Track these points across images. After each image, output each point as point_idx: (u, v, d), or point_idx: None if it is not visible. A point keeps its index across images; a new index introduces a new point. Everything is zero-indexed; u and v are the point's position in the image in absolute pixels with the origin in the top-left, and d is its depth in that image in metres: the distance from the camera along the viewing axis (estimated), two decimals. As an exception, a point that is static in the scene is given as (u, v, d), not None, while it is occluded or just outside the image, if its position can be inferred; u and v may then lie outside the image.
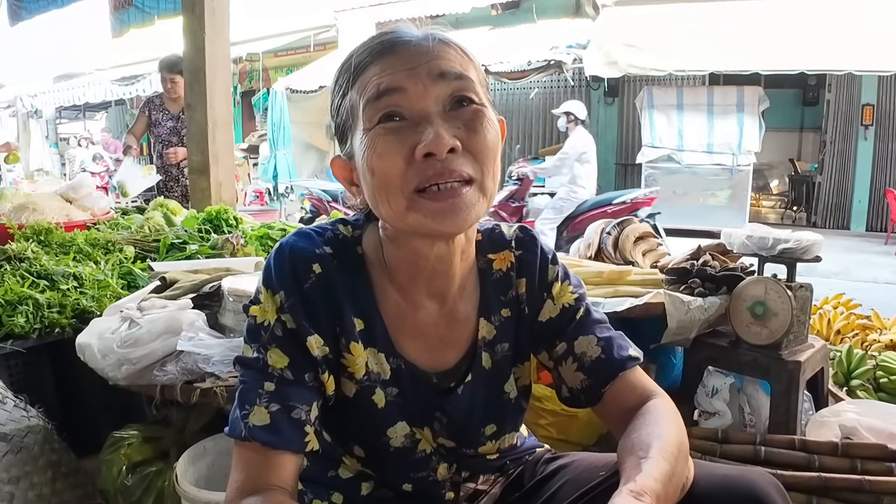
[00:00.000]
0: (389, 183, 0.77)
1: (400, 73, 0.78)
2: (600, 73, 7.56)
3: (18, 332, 1.87)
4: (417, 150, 0.76)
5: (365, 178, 0.81)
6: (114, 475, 1.64)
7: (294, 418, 0.81)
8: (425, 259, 0.85)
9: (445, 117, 0.78)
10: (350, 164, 0.85)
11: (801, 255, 1.75)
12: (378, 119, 0.78)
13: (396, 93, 0.77)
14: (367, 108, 0.79)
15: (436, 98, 0.78)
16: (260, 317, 0.84)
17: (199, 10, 3.33)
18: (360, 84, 0.81)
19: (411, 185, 0.77)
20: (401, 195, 0.77)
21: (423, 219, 0.77)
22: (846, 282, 5.28)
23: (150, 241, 2.59)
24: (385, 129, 0.78)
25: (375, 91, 0.78)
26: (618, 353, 0.92)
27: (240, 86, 12.35)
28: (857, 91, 8.52)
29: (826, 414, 1.74)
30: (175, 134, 4.30)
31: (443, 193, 0.77)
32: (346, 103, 0.83)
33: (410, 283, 0.88)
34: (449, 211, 0.77)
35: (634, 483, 0.71)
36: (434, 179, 0.76)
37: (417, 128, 0.77)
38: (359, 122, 0.81)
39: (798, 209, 9.52)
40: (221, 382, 1.49)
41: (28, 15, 5.07)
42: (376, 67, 0.79)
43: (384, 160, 0.77)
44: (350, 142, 0.84)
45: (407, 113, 0.78)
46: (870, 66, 6.61)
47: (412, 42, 0.80)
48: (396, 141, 0.77)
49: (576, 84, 9.73)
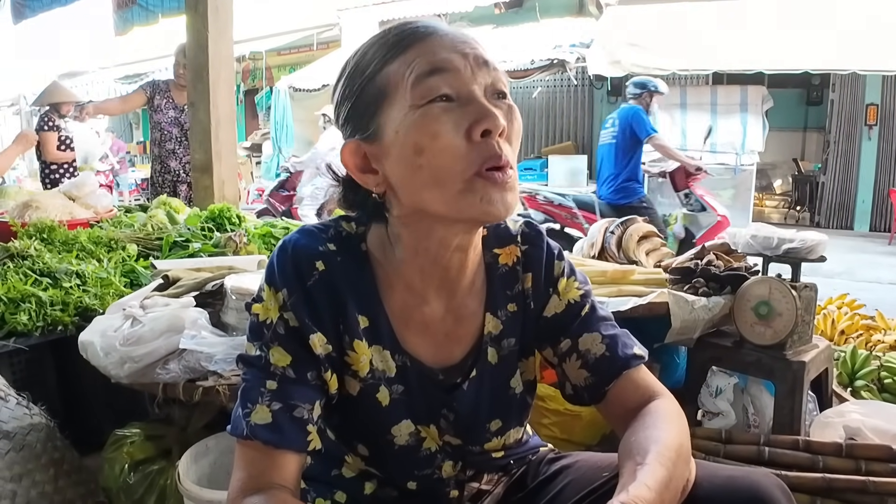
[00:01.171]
0: (443, 163, 0.76)
1: (450, 53, 0.78)
2: (603, 73, 7.55)
3: (21, 329, 1.87)
4: (476, 128, 0.75)
5: (404, 157, 0.77)
6: (116, 473, 1.64)
7: (296, 417, 0.80)
8: (447, 248, 0.84)
9: (490, 102, 0.78)
10: (367, 147, 0.82)
11: (805, 255, 1.74)
12: (430, 97, 0.76)
13: (450, 72, 0.77)
14: (418, 83, 0.76)
15: (481, 83, 0.78)
16: (262, 315, 0.84)
17: (203, 8, 3.33)
18: (405, 59, 0.78)
19: (473, 166, 0.76)
20: (458, 177, 0.76)
21: (478, 202, 0.76)
22: (850, 282, 5.26)
23: (153, 239, 2.59)
24: (439, 108, 0.76)
25: (428, 67, 0.76)
26: (622, 350, 0.92)
27: (243, 84, 12.35)
28: (861, 91, 8.49)
29: (830, 414, 1.73)
30: (177, 125, 4.19)
31: (499, 177, 0.76)
32: (376, 81, 0.79)
33: (422, 277, 0.87)
34: (504, 196, 0.77)
35: (626, 493, 0.71)
36: (495, 162, 0.76)
37: (468, 107, 0.76)
38: (399, 98, 0.78)
39: (801, 209, 9.49)
40: (224, 381, 1.48)
41: (31, 13, 5.07)
42: (424, 46, 0.78)
43: (439, 139, 0.75)
44: (375, 122, 0.80)
45: (455, 94, 0.77)
46: (874, 65, 6.59)
47: (452, 31, 0.80)
48: (450, 120, 0.76)
49: (579, 83, 9.71)
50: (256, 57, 11.59)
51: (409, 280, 0.88)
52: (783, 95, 8.88)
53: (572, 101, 10.77)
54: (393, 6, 9.89)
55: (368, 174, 0.83)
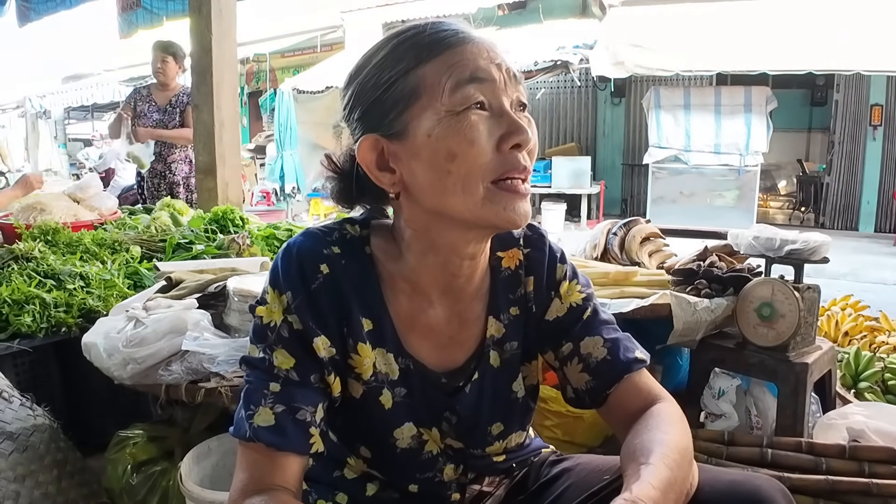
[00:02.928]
0: (473, 170, 0.77)
1: (488, 64, 0.79)
2: (607, 74, 7.54)
3: (25, 331, 1.88)
4: (508, 140, 0.77)
5: (436, 162, 0.77)
6: (119, 474, 1.65)
7: (299, 419, 0.81)
8: (458, 254, 0.85)
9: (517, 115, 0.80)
10: (388, 144, 0.80)
11: (808, 257, 1.73)
12: (468, 104, 0.76)
13: (486, 82, 0.78)
14: (458, 88, 0.76)
15: (510, 96, 0.80)
16: (266, 317, 0.84)
17: (206, 10, 3.34)
18: (441, 61, 0.77)
19: (493, 174, 0.77)
20: (480, 184, 0.77)
21: (501, 210, 0.78)
22: (855, 283, 5.24)
23: (157, 241, 2.60)
24: (478, 116, 0.77)
25: (469, 74, 0.77)
26: (624, 354, 0.92)
27: (247, 86, 12.39)
28: (866, 91, 8.46)
29: (833, 416, 1.72)
30: (161, 126, 4.05)
31: (518, 187, 0.79)
32: (411, 78, 0.78)
33: (429, 281, 0.87)
34: (523, 205, 0.80)
35: (630, 493, 0.70)
36: (516, 173, 0.78)
37: (500, 119, 0.78)
38: (435, 100, 0.77)
39: (806, 210, 9.46)
40: (226, 382, 1.48)
41: (36, 16, 5.09)
42: (464, 51, 0.78)
43: (474, 147, 0.76)
44: (404, 120, 0.78)
45: (489, 104, 0.78)
46: (878, 66, 6.56)
47: (485, 40, 0.81)
48: (486, 129, 0.77)
49: (582, 84, 9.70)
50: (260, 59, 11.63)
51: (414, 283, 0.88)
52: (787, 96, 8.86)
53: (576, 103, 10.77)
54: (396, 8, 9.91)
55: (385, 172, 0.82)
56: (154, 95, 4.10)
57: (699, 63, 7.24)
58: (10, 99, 14.91)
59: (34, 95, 13.83)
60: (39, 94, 13.85)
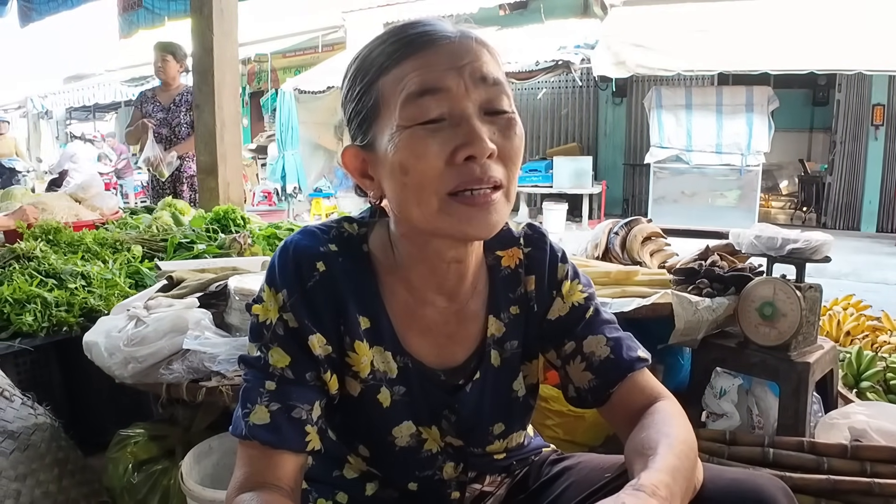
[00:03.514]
0: (424, 184, 0.75)
1: (444, 71, 0.76)
2: (608, 74, 7.54)
3: (26, 330, 1.88)
4: (460, 153, 0.74)
5: (393, 175, 0.78)
6: (120, 473, 1.65)
7: (294, 418, 0.81)
8: (442, 259, 0.85)
9: (483, 121, 0.76)
10: (365, 154, 0.82)
11: (810, 256, 1.73)
12: (418, 118, 0.75)
13: (440, 92, 0.75)
14: (407, 103, 0.75)
15: (474, 101, 0.76)
16: (262, 315, 0.84)
17: (208, 11, 3.35)
18: (396, 75, 0.77)
19: (447, 187, 0.75)
20: (434, 197, 0.76)
21: (455, 223, 0.76)
22: (856, 283, 5.23)
23: (158, 241, 2.61)
24: (426, 129, 0.75)
25: (418, 88, 0.75)
26: (627, 353, 0.92)
27: (248, 86, 12.41)
28: (868, 91, 8.45)
29: (835, 416, 1.72)
30: (165, 125, 4.12)
31: (476, 198, 0.76)
32: (373, 91, 0.79)
33: (422, 281, 0.87)
34: (482, 216, 0.76)
35: (638, 479, 0.71)
36: (471, 184, 0.75)
37: (457, 129, 0.75)
38: (390, 114, 0.77)
39: (808, 210, 9.45)
40: (227, 381, 1.49)
41: (38, 16, 5.10)
42: (417, 61, 0.76)
43: (423, 161, 0.75)
44: (371, 132, 0.80)
45: (447, 114, 0.75)
46: (880, 65, 6.56)
47: (453, 39, 0.78)
48: (436, 142, 0.75)
49: (584, 84, 9.70)
50: (262, 59, 11.65)
51: (410, 282, 0.88)
52: (789, 96, 8.85)
53: (577, 103, 10.77)
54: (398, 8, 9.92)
55: (366, 179, 0.84)
56: (158, 96, 4.19)
57: (701, 63, 7.24)
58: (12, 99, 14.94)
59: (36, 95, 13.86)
60: (41, 94, 13.88)
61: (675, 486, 0.71)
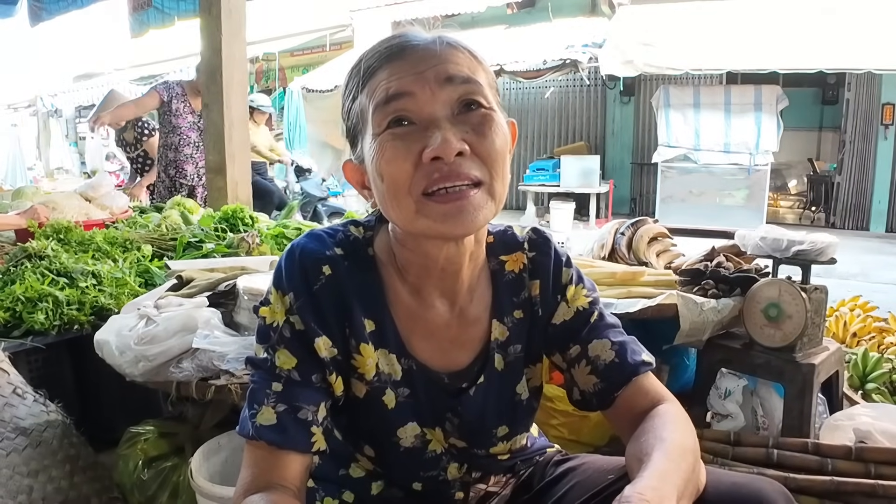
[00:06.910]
0: (398, 187, 0.78)
1: (408, 77, 0.79)
2: (616, 73, 7.54)
3: (38, 328, 1.90)
4: (425, 154, 0.77)
5: (375, 182, 0.82)
6: (130, 469, 1.67)
7: (300, 419, 0.82)
8: (434, 260, 0.86)
9: (454, 121, 0.79)
10: (361, 167, 0.86)
11: (815, 257, 1.73)
12: (387, 124, 0.79)
13: (405, 97, 0.78)
14: (376, 112, 0.80)
15: (444, 102, 0.79)
16: (269, 318, 0.85)
17: (216, 10, 3.36)
18: (368, 89, 0.81)
19: (419, 188, 0.77)
20: (409, 199, 0.78)
21: (431, 222, 0.78)
22: (865, 283, 5.20)
23: (168, 240, 2.63)
24: (393, 135, 0.78)
25: (384, 96, 0.79)
26: (631, 357, 0.93)
27: (256, 85, 12.42)
28: (877, 90, 8.39)
29: (840, 417, 1.72)
30: (195, 129, 4.17)
31: (450, 196, 0.77)
32: (356, 107, 0.84)
33: (421, 284, 0.89)
34: (457, 213, 0.77)
35: (632, 486, 0.72)
36: (441, 182, 0.77)
37: (426, 132, 0.77)
38: (368, 126, 0.82)
39: (817, 210, 9.39)
40: (236, 380, 1.50)
41: (48, 16, 5.14)
42: (385, 72, 0.80)
43: (392, 165, 0.78)
44: (360, 146, 0.84)
45: (415, 117, 0.78)
46: (890, 64, 6.51)
47: (420, 46, 0.81)
48: (404, 146, 0.78)
49: (591, 83, 9.69)
50: (270, 58, 11.66)
51: (413, 285, 0.89)
52: (798, 95, 8.79)
53: (585, 101, 10.73)
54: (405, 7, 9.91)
55: (365, 190, 0.87)
56: (189, 97, 4.18)
57: (709, 62, 7.22)
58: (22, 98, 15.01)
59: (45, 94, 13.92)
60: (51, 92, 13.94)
61: (665, 488, 0.72)
